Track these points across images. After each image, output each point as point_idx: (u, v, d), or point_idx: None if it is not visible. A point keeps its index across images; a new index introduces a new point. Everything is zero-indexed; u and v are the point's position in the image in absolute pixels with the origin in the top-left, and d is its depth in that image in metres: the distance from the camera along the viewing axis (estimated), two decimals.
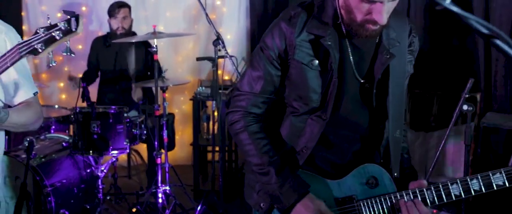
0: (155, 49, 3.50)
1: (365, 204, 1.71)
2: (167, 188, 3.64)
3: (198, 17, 5.21)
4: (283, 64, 1.75)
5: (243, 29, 5.16)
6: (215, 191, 4.07)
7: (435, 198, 1.64)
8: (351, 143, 1.78)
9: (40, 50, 1.65)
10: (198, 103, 4.36)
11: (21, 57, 1.67)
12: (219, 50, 3.64)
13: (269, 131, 1.82)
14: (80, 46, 5.22)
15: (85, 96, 3.41)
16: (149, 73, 4.45)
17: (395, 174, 1.74)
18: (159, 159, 3.60)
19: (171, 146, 4.17)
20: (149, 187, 4.05)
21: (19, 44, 1.66)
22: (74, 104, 3.47)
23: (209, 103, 4.66)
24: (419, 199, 1.65)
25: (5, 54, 1.68)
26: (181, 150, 5.15)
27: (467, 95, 2.62)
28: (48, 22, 1.67)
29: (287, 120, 1.83)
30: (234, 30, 5.11)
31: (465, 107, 2.62)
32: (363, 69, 1.75)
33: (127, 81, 4.46)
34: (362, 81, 1.74)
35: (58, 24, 1.65)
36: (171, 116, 4.40)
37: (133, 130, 3.64)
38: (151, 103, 4.30)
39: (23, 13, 5.15)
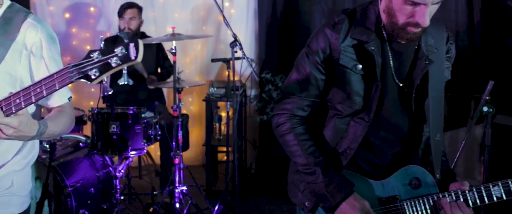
0: (174, 50, 3.53)
1: (408, 204, 1.78)
2: (185, 188, 3.68)
3: (206, 19, 5.25)
4: (328, 68, 1.82)
5: (251, 31, 5.20)
6: (228, 191, 4.11)
7: (477, 199, 1.71)
8: (392, 144, 1.85)
9: (93, 77, 1.48)
10: (210, 104, 4.40)
11: (71, 82, 1.51)
12: (236, 51, 3.68)
13: (312, 132, 1.89)
14: (88, 47, 5.23)
15: (105, 97, 3.43)
16: (159, 70, 4.48)
17: (437, 175, 1.80)
18: (177, 159, 3.63)
19: (185, 146, 4.21)
20: (163, 187, 4.08)
21: (69, 67, 1.48)
22: (88, 105, 3.50)
23: (220, 104, 4.71)
24: (462, 200, 1.72)
25: (52, 75, 1.51)
26: (190, 151, 5.18)
27: (487, 98, 2.70)
28: (101, 44, 1.51)
29: (330, 122, 1.89)
30: (242, 32, 5.15)
31: (485, 109, 2.70)
32: (402, 73, 1.82)
33: (138, 82, 4.48)
34: (401, 85, 1.81)
35: (116, 50, 1.47)
36: (186, 116, 4.43)
37: (148, 131, 3.68)
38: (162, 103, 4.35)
39: None
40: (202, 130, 5.26)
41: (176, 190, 3.64)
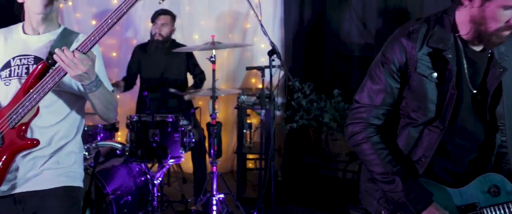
0: (213, 58, 3.54)
1: (488, 211, 1.78)
2: (222, 195, 3.67)
3: (232, 26, 5.26)
4: (403, 77, 1.83)
5: (278, 39, 5.22)
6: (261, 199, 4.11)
7: None
8: (467, 151, 1.86)
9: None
10: (242, 111, 4.40)
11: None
12: (273, 60, 3.69)
13: (386, 142, 1.89)
14: (114, 54, 5.24)
15: (147, 105, 3.44)
16: (190, 76, 4.49)
17: None
18: (215, 166, 3.63)
19: (218, 154, 4.20)
20: (197, 195, 4.08)
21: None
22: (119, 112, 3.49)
23: (249, 111, 4.71)
24: None
25: (120, 6, 1.82)
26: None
27: None
28: None
29: (404, 130, 1.90)
30: (266, 40, 5.16)
31: None
32: (476, 81, 1.83)
33: (168, 89, 4.48)
34: (474, 91, 1.82)
35: None
36: (219, 124, 4.43)
37: (184, 138, 3.68)
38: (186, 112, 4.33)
39: (58, 20, 5.14)
40: (228, 137, 5.27)
41: (214, 198, 3.63)
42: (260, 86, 5.23)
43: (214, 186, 3.66)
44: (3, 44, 2.15)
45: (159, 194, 3.65)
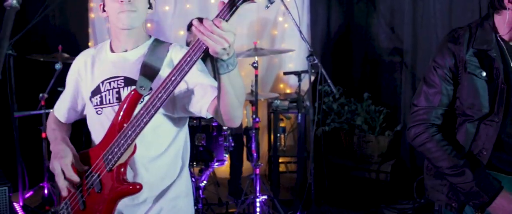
0: (256, 64, 3.66)
1: None
2: (265, 197, 3.78)
3: (260, 33, 5.38)
4: (454, 78, 2.02)
5: (304, 45, 5.32)
6: (298, 200, 4.22)
7: None
8: None
9: None
10: (277, 115, 4.52)
11: (238, 6, 1.47)
12: (314, 62, 3.79)
13: (447, 139, 2.04)
14: None
15: None
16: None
17: None
18: (258, 169, 3.74)
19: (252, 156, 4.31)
20: (235, 197, 4.18)
21: None
22: None
23: (280, 115, 4.82)
24: None
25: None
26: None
27: None
28: None
29: (462, 127, 2.04)
30: (295, 46, 5.28)
31: None
32: None
33: None
34: None
35: None
36: (257, 129, 4.54)
37: (225, 143, 3.79)
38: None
39: (89, 30, 5.27)
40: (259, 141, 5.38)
41: (257, 199, 3.74)
42: (288, 91, 5.36)
43: (257, 188, 3.77)
44: (91, 67, 1.97)
45: (204, 196, 3.76)
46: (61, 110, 2.11)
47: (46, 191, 4.08)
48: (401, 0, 4.68)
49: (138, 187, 1.76)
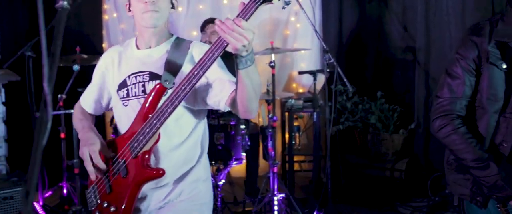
0: (273, 63, 3.70)
1: None
2: (283, 195, 3.81)
3: (272, 33, 5.42)
4: (477, 70, 2.04)
5: (316, 45, 5.36)
6: (313, 198, 4.25)
7: None
8: None
9: None
10: (292, 115, 4.55)
11: (257, 7, 1.65)
12: (330, 61, 3.82)
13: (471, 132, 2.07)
14: None
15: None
16: None
17: None
18: (275, 167, 3.77)
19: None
20: (250, 196, 4.22)
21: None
22: None
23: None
24: None
25: (242, 10, 1.66)
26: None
27: None
28: None
29: (482, 120, 2.07)
30: (307, 45, 5.32)
31: None
32: None
33: None
34: None
35: None
36: (274, 128, 4.58)
37: (242, 142, 3.83)
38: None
39: (103, 32, 5.32)
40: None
41: (275, 198, 3.77)
42: (300, 90, 5.39)
43: (275, 186, 3.80)
44: (118, 62, 2.10)
45: (222, 195, 3.79)
46: (87, 101, 2.24)
47: (65, 191, 4.13)
48: None
49: (161, 172, 1.90)
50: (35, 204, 3.92)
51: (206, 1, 5.34)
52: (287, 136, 4.91)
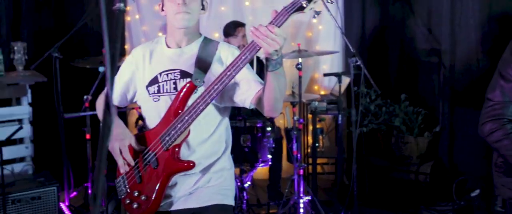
0: (300, 66, 3.69)
1: None
2: (309, 197, 3.79)
3: (294, 35, 5.40)
4: None
5: (338, 47, 5.34)
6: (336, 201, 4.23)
7: None
8: None
9: (304, 6, 1.77)
10: (315, 117, 4.53)
11: (289, 15, 1.79)
12: (357, 63, 3.80)
13: None
14: None
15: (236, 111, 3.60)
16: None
17: None
18: (301, 170, 3.76)
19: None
20: (273, 199, 4.20)
21: (285, 7, 1.79)
22: None
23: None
24: None
25: (282, 9, 1.79)
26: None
27: None
28: None
29: None
30: (330, 48, 5.29)
31: None
32: None
33: None
34: None
35: None
36: (300, 129, 4.56)
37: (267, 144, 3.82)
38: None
39: (126, 33, 5.34)
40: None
41: (301, 200, 3.76)
42: (322, 92, 5.37)
43: (301, 189, 3.78)
44: (149, 59, 2.19)
45: (248, 197, 3.79)
46: (113, 93, 2.28)
47: (90, 191, 4.15)
48: (438, 0, 4.67)
49: (191, 164, 2.03)
50: (61, 204, 3.95)
51: (228, 3, 5.34)
52: (309, 138, 4.89)
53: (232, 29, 4.53)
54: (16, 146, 4.06)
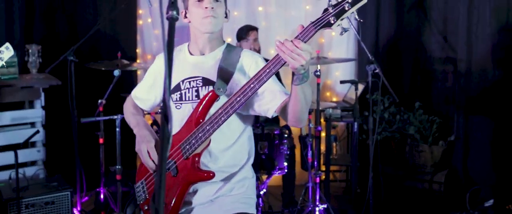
0: (318, 73, 3.66)
1: None
2: (325, 205, 3.75)
3: (307, 41, 5.37)
4: None
5: (352, 53, 5.31)
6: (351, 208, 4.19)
7: None
8: None
9: (332, 22, 1.74)
10: (330, 124, 4.50)
11: (316, 31, 1.77)
12: (375, 71, 3.77)
13: None
14: None
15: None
16: None
17: None
18: (318, 178, 3.72)
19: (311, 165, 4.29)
20: (288, 206, 4.16)
21: (312, 22, 1.77)
22: None
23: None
24: None
25: (308, 25, 1.79)
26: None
27: None
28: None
29: None
30: (342, 54, 5.27)
31: None
32: None
33: None
34: None
35: None
36: (317, 137, 4.53)
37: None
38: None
39: (138, 37, 5.31)
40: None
41: (317, 208, 3.72)
42: (334, 99, 5.33)
43: (317, 197, 3.75)
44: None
45: (263, 204, 3.75)
46: (140, 97, 2.37)
47: (102, 196, 4.10)
48: (454, 8, 4.64)
49: (211, 174, 2.02)
50: (74, 209, 3.90)
51: (241, 8, 5.31)
52: (322, 145, 4.86)
53: (244, 32, 4.51)
54: (28, 150, 4.03)
